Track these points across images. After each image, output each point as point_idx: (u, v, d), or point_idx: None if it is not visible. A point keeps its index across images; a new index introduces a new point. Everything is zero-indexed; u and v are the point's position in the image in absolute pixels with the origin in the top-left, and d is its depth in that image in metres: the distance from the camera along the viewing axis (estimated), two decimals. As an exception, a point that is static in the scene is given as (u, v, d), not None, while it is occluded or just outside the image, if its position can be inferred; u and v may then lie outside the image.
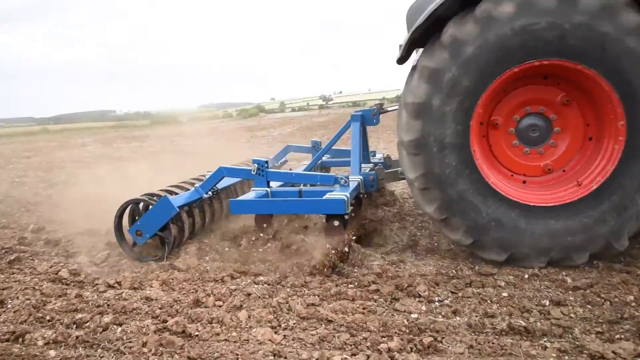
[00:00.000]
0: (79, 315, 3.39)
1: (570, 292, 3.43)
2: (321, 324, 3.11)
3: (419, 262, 4.24)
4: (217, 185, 5.02)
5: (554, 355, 2.63)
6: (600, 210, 3.69)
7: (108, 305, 3.58)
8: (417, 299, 3.40)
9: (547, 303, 3.24)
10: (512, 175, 4.08)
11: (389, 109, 5.68)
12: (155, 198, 4.63)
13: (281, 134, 22.12)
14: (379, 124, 5.57)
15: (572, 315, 3.06)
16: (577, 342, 2.73)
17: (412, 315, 3.15)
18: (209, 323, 3.22)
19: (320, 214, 4.50)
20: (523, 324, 2.92)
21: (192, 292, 3.76)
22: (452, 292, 3.46)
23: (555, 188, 3.95)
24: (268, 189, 4.76)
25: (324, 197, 4.26)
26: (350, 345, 2.82)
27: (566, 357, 2.61)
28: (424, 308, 3.26)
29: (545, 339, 2.81)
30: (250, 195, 4.69)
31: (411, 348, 2.74)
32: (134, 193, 4.81)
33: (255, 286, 3.78)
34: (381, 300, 3.43)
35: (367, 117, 5.38)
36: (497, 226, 3.80)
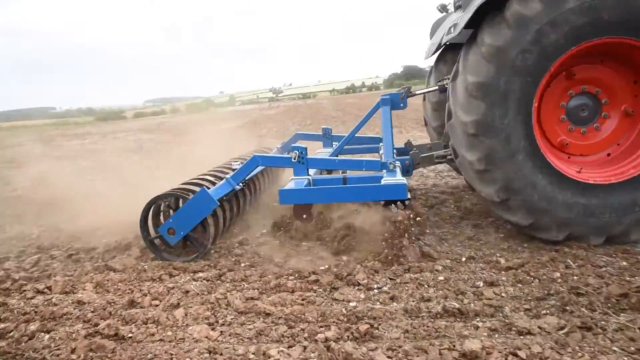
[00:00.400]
0: (2, 326, 3.20)
1: (503, 272, 3.54)
2: (259, 318, 3.07)
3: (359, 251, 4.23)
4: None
5: (485, 334, 2.70)
6: None
7: (36, 312, 3.39)
8: (357, 288, 3.41)
9: (481, 284, 3.33)
10: (569, 158, 4.13)
11: (417, 92, 5.60)
12: (187, 192, 4.26)
13: (230, 128, 21.74)
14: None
15: (503, 294, 3.16)
16: (506, 320, 2.82)
17: (351, 304, 3.16)
18: (144, 324, 3.11)
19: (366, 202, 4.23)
20: (457, 305, 2.98)
21: (128, 293, 3.63)
22: (390, 279, 3.49)
23: (610, 166, 4.03)
24: (310, 177, 4.45)
25: (382, 183, 4.06)
26: (288, 338, 2.80)
27: (496, 335, 2.69)
28: (362, 296, 3.27)
29: (478, 319, 2.88)
30: (291, 184, 4.33)
31: (348, 336, 2.74)
32: (73, 194, 4.56)
33: (194, 283, 3.69)
34: (320, 290, 3.42)
35: (395, 101, 5.28)
36: (556, 206, 3.79)
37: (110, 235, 5.02)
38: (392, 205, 3.99)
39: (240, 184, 4.58)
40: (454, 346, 2.54)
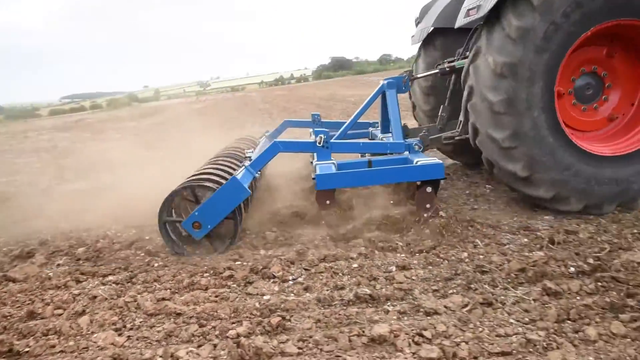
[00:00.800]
0: None
1: (417, 255, 3.64)
2: (170, 319, 2.96)
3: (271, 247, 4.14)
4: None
5: (394, 317, 2.76)
6: None
7: None
8: (272, 280, 3.38)
9: (394, 269, 3.40)
10: (583, 133, 4.42)
11: (418, 75, 5.68)
12: (209, 184, 4.02)
13: (153, 123, 20.95)
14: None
15: (414, 277, 3.25)
16: (415, 302, 2.90)
17: (265, 297, 3.12)
18: (44, 335, 2.90)
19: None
20: (369, 291, 3.03)
21: (28, 304, 3.37)
22: (305, 270, 3.49)
23: (617, 139, 4.37)
24: (335, 162, 4.40)
25: (419, 163, 4.10)
26: (198, 337, 2.71)
27: (405, 318, 2.75)
28: (276, 288, 3.25)
29: (389, 303, 2.94)
30: (322, 169, 4.23)
31: (260, 331, 2.70)
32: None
33: (102, 287, 3.49)
34: (235, 285, 3.35)
35: (399, 85, 5.35)
36: (575, 178, 4.06)
37: (11, 243, 4.66)
38: (428, 187, 4.09)
39: (258, 172, 4.48)
40: (364, 332, 2.57)
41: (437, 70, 5.41)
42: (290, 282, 3.33)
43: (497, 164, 4.25)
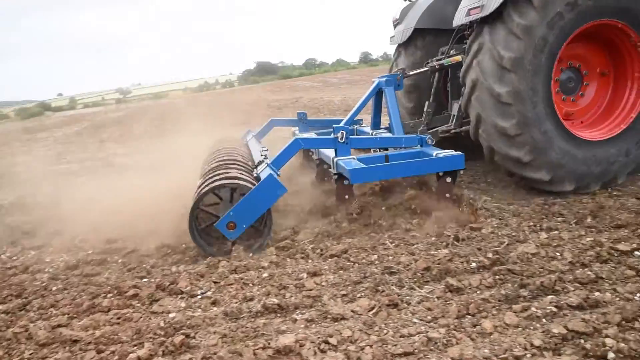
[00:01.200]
0: None
1: (329, 259, 3.64)
2: (65, 347, 2.75)
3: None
4: None
5: (302, 326, 2.74)
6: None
7: None
8: (179, 296, 3.25)
9: (305, 276, 3.38)
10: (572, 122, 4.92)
11: (411, 73, 5.82)
12: (244, 183, 3.95)
13: (66, 134, 19.72)
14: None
15: (324, 283, 3.24)
16: (323, 309, 2.89)
17: (170, 315, 2.98)
18: None
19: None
20: (277, 301, 2.98)
21: None
22: (215, 283, 3.38)
23: (601, 124, 4.96)
24: (354, 157, 4.49)
25: (437, 156, 4.37)
26: (95, 364, 2.54)
27: (312, 325, 2.74)
28: (183, 305, 3.12)
29: (297, 312, 2.91)
30: (346, 163, 4.31)
31: (162, 351, 2.58)
32: None
33: (-10, 319, 3.19)
34: (139, 305, 3.19)
35: (395, 83, 5.56)
36: (569, 160, 4.55)
37: None
38: (448, 177, 4.38)
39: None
40: (269, 344, 2.52)
41: (427, 69, 5.72)
42: (198, 297, 3.22)
43: (501, 151, 4.63)
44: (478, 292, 2.98)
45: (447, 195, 4.41)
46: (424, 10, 6.04)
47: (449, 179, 4.40)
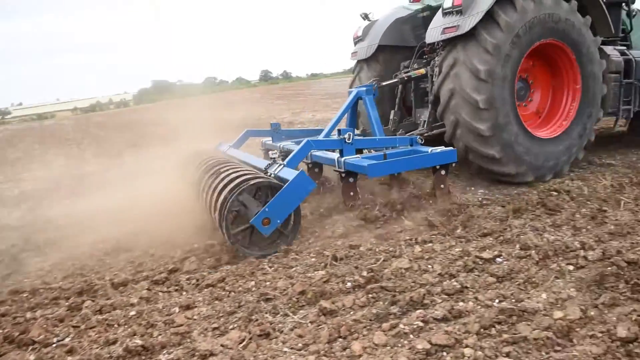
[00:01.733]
0: None
1: (204, 290, 3.48)
2: None
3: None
4: None
5: (166, 367, 2.56)
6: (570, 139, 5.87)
7: None
8: (30, 348, 2.90)
9: (177, 310, 3.19)
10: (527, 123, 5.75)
11: (383, 83, 6.41)
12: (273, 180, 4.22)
13: None
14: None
15: (195, 317, 3.08)
16: (192, 346, 2.72)
17: (14, 372, 2.65)
18: None
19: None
20: (141, 342, 2.76)
21: None
22: (74, 327, 3.07)
23: (546, 125, 5.98)
24: (359, 156, 4.98)
25: (433, 152, 4.96)
26: None
27: (177, 366, 2.57)
28: (32, 358, 2.79)
29: (164, 352, 2.73)
30: (357, 161, 4.78)
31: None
32: None
33: None
34: (-23, 365, 2.80)
35: (373, 92, 6.09)
36: (530, 155, 5.49)
37: None
38: (443, 170, 4.98)
39: None
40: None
41: (397, 80, 6.45)
42: (53, 346, 2.90)
43: (476, 150, 5.43)
44: (351, 312, 2.98)
45: (442, 186, 5.02)
46: (385, 29, 6.84)
47: (443, 172, 5.03)
